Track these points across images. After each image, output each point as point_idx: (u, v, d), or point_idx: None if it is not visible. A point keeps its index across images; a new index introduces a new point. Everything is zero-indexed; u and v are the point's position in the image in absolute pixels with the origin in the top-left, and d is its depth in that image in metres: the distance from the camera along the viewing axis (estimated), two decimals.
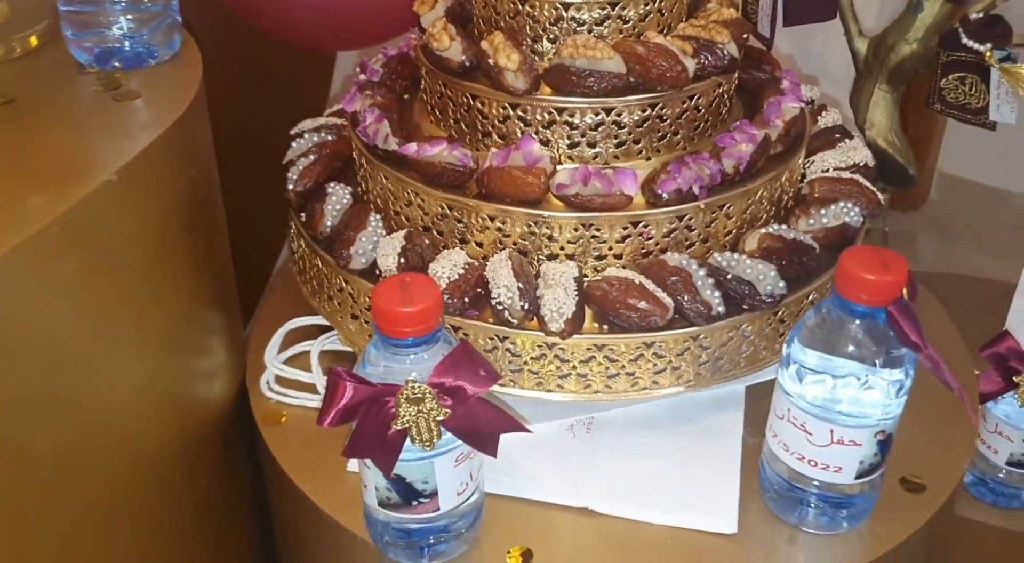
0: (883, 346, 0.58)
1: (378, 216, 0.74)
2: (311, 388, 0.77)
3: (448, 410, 0.55)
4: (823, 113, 0.88)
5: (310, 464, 0.71)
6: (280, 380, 0.78)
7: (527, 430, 0.60)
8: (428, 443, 0.56)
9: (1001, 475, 0.90)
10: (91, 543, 0.63)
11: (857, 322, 0.59)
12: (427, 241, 0.72)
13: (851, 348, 0.59)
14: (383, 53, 0.86)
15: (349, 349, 0.79)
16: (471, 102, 0.73)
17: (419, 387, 0.54)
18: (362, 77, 0.83)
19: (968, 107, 0.95)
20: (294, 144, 0.85)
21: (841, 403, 0.60)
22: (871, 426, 0.60)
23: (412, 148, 0.71)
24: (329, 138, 0.85)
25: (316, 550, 0.72)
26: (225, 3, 1.06)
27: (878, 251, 0.58)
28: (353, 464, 0.69)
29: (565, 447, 0.72)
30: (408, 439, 0.55)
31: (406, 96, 0.85)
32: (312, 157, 0.81)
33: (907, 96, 1.04)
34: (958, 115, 0.96)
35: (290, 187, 0.80)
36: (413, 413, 0.55)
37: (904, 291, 0.57)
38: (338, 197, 0.77)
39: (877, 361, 0.58)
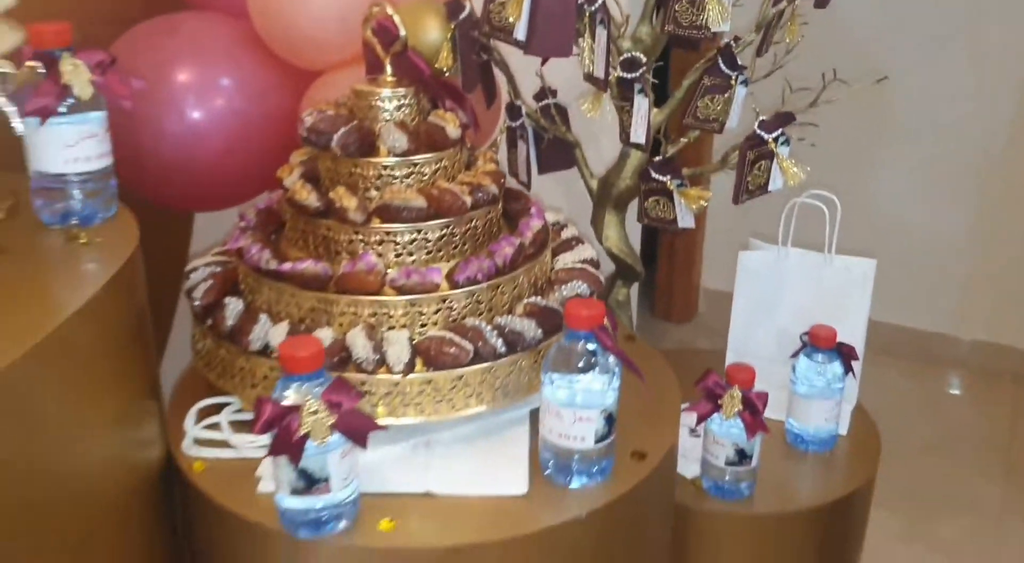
0: (596, 357, 0.96)
1: (265, 315, 1.07)
2: (220, 445, 1.06)
3: (334, 417, 0.87)
4: (564, 230, 1.29)
5: (227, 492, 1.00)
6: (197, 441, 1.07)
7: (383, 429, 0.93)
8: (322, 441, 0.87)
9: (727, 477, 1.28)
10: None
11: (579, 343, 0.96)
12: (302, 327, 1.06)
13: (578, 362, 0.96)
14: (255, 207, 1.20)
15: (245, 418, 1.08)
16: (326, 233, 1.08)
17: (315, 403, 0.87)
18: (242, 224, 1.17)
19: (664, 219, 1.39)
20: (192, 275, 1.16)
21: (577, 396, 0.97)
22: (598, 407, 0.97)
23: (288, 266, 1.05)
24: (218, 269, 1.17)
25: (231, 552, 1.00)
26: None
27: (586, 301, 0.97)
28: (263, 485, 0.99)
29: (411, 456, 1.05)
30: (309, 439, 0.87)
31: (273, 235, 1.19)
32: (209, 282, 1.13)
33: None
34: (660, 225, 1.41)
35: (196, 303, 1.11)
36: (311, 421, 0.87)
37: (605, 321, 0.96)
38: (234, 306, 1.09)
39: (595, 367, 0.96)
